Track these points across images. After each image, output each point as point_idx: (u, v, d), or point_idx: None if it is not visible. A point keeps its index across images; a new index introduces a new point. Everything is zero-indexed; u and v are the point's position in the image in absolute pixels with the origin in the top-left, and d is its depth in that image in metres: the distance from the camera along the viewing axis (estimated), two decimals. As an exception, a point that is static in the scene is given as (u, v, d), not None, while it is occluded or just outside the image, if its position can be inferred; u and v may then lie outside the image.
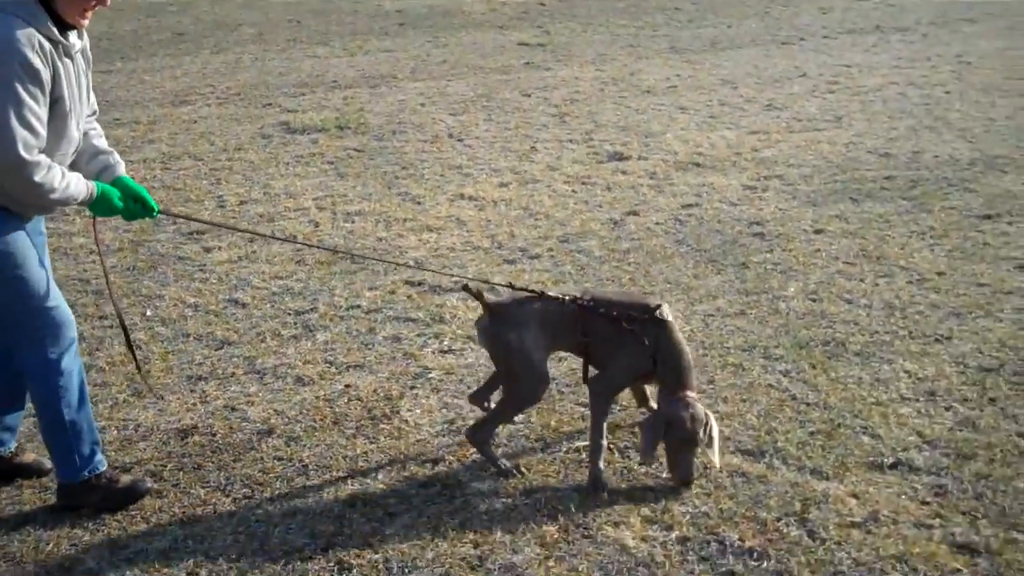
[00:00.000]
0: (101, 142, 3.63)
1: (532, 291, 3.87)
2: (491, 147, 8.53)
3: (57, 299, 3.47)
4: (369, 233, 6.52)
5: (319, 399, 4.42)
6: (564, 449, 3.99)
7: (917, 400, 4.33)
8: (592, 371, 3.90)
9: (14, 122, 3.05)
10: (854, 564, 3.26)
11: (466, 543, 3.40)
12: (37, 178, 3.13)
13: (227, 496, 3.70)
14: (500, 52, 12.37)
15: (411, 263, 5.88)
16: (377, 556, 3.34)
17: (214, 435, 4.13)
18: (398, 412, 4.29)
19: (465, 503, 3.64)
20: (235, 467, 3.89)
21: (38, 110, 3.11)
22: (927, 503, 3.60)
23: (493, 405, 4.01)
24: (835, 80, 10.89)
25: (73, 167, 3.48)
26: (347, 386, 4.54)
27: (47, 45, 3.13)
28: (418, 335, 5.06)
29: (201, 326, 5.22)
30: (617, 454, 3.94)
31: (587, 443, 3.82)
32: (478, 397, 4.15)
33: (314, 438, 4.09)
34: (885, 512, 3.52)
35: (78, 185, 3.30)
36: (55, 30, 3.16)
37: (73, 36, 3.30)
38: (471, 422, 4.05)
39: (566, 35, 13.44)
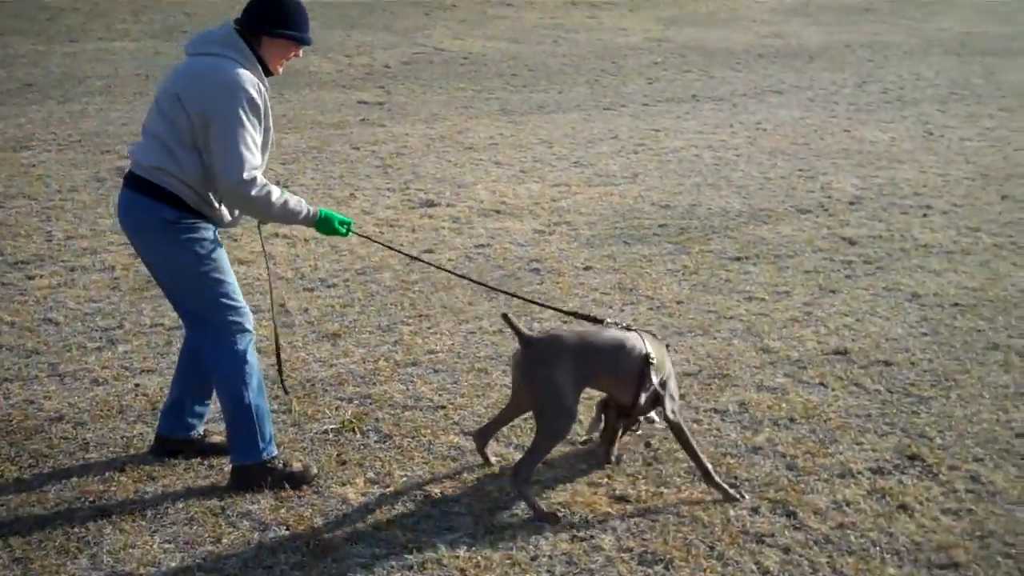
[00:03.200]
0: None
1: (592, 318, 4.42)
2: (313, 193, 9.25)
3: (242, 298, 4.11)
4: (184, 264, 7.17)
5: (109, 395, 5.06)
6: (315, 431, 4.71)
7: (623, 396, 5.17)
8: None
9: (242, 147, 3.77)
10: (526, 508, 4.05)
11: (213, 497, 4.10)
12: (255, 193, 3.82)
13: (15, 465, 4.33)
14: (339, 109, 13.16)
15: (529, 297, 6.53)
16: (135, 506, 4.01)
17: (11, 421, 4.74)
18: (178, 404, 4.95)
19: (220, 471, 4.33)
20: (25, 444, 4.51)
21: (257, 138, 3.85)
22: (603, 468, 4.42)
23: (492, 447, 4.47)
24: (642, 142, 11.91)
25: None
26: (137, 385, 5.19)
27: (262, 87, 3.89)
28: (210, 346, 5.73)
29: (14, 340, 5.80)
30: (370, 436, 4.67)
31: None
32: (483, 436, 4.38)
33: (99, 423, 4.75)
34: (565, 474, 4.33)
35: (300, 204, 4.02)
36: (263, 75, 3.94)
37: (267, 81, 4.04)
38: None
39: (405, 95, 14.30)
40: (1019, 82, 16.65)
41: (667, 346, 4.49)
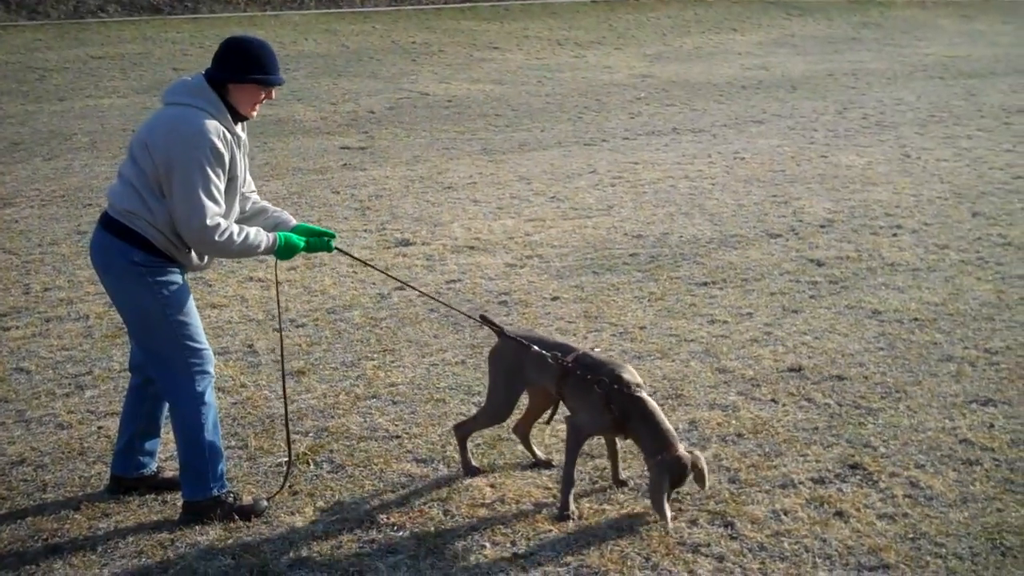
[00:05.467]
0: (269, 205, 4.49)
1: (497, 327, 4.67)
2: (290, 237, 9.38)
3: (205, 341, 4.23)
4: (157, 310, 7.29)
5: (72, 439, 5.17)
6: (269, 465, 4.80)
7: (576, 419, 5.26)
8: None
9: (203, 195, 3.90)
10: (469, 529, 4.14)
11: (163, 531, 4.20)
12: (218, 238, 3.96)
13: (-29, 508, 4.43)
14: (322, 155, 13.32)
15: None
16: (87, 542, 4.11)
17: (-28, 467, 4.85)
18: (138, 444, 5.06)
19: (172, 505, 4.43)
20: (-17, 488, 4.62)
21: (220, 186, 3.98)
22: (548, 488, 4.51)
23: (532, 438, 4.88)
24: (619, 175, 12.04)
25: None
26: (100, 428, 5.30)
27: (228, 136, 4.01)
28: (175, 388, 5.85)
29: (-16, 389, 5.92)
30: (315, 466, 4.77)
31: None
32: (520, 428, 4.86)
33: (59, 465, 4.84)
34: (511, 496, 4.42)
35: (258, 236, 4.12)
36: (232, 123, 4.05)
37: (239, 128, 4.16)
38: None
39: (388, 139, 14.47)
40: (999, 102, 16.79)
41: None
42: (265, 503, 4.38)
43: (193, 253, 4.17)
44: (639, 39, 25.60)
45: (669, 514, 4.09)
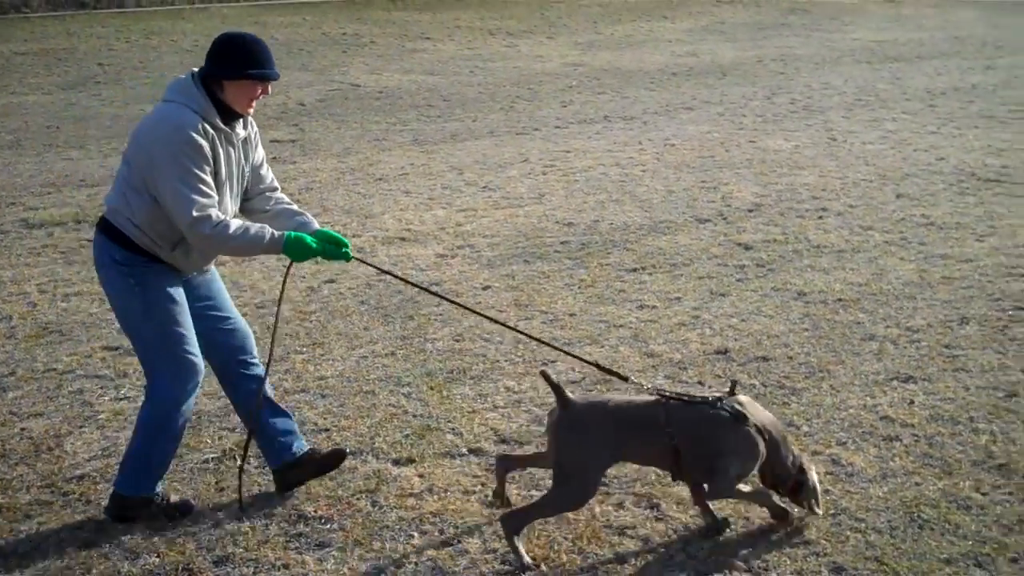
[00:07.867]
0: (293, 207, 4.36)
1: (618, 374, 4.23)
2: (219, 232, 9.28)
3: (193, 347, 4.11)
4: (82, 310, 7.19)
5: (-7, 441, 5.09)
6: (196, 461, 4.76)
7: (505, 407, 5.29)
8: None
9: (186, 189, 3.81)
10: (397, 519, 4.15)
11: (87, 531, 4.16)
12: (209, 230, 3.84)
13: None
14: (251, 150, 13.21)
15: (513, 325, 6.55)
16: (8, 546, 4.05)
17: None
18: (61, 445, 5.00)
19: (96, 506, 4.38)
20: (-98, 494, 4.53)
21: (205, 178, 3.88)
22: (477, 476, 4.52)
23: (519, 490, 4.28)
24: (551, 164, 12.08)
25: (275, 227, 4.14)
26: (22, 429, 5.22)
27: (211, 131, 3.91)
28: (100, 387, 5.77)
29: (-97, 393, 5.80)
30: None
31: None
32: (506, 462, 4.22)
33: (-21, 469, 4.77)
34: (439, 484, 4.43)
35: (261, 231, 3.98)
36: (219, 120, 3.94)
37: (238, 126, 4.06)
38: (122, 448, 4.79)
39: (319, 131, 14.38)
40: (923, 85, 17.06)
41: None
42: (194, 504, 4.34)
43: (177, 251, 4.07)
44: (571, 28, 25.65)
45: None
